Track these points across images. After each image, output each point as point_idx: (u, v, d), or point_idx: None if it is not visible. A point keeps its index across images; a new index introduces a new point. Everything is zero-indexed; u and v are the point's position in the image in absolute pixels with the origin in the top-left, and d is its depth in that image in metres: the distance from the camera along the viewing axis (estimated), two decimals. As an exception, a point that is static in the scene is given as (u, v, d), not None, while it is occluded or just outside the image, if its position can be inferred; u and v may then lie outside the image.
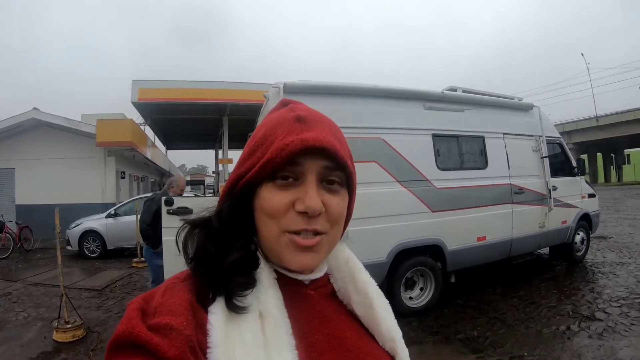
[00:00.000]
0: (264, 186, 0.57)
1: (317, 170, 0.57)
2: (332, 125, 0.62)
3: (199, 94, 10.56)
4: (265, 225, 0.58)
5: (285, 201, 0.56)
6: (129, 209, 10.24)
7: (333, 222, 0.59)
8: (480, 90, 5.99)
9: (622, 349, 3.62)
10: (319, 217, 0.57)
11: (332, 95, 4.29)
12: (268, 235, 0.58)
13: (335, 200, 0.59)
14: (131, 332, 0.45)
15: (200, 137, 16.38)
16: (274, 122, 0.60)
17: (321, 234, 0.58)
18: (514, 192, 5.52)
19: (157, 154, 19.59)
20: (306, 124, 0.58)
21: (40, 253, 10.54)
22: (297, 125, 0.58)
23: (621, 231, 10.04)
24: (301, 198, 0.56)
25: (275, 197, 0.56)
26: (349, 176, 0.61)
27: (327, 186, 0.58)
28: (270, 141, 0.57)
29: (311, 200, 0.55)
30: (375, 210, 4.24)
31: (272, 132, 0.58)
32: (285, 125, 0.58)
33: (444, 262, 4.97)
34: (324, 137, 0.57)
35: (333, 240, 0.61)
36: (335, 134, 0.61)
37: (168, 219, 4.29)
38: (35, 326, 4.90)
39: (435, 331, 4.37)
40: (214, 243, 0.58)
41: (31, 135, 13.27)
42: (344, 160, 0.59)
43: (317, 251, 0.58)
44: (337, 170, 0.59)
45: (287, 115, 0.60)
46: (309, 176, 0.57)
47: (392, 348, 0.65)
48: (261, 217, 0.58)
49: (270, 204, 0.56)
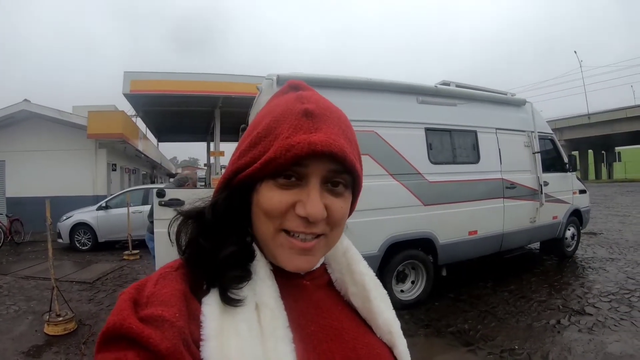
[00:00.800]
0: (265, 183, 0.55)
1: (323, 174, 0.55)
2: (343, 121, 0.58)
3: (191, 86, 10.47)
4: (262, 222, 0.56)
5: (286, 202, 0.54)
6: (120, 201, 10.19)
7: (334, 225, 0.57)
8: (473, 85, 6.00)
9: (611, 344, 3.65)
10: (319, 222, 0.55)
11: (326, 87, 4.26)
12: (263, 232, 0.57)
13: (338, 204, 0.57)
14: (122, 324, 0.44)
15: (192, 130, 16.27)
16: (279, 111, 0.56)
17: (320, 236, 0.56)
18: (505, 186, 5.54)
19: (149, 146, 19.47)
20: (314, 120, 0.54)
21: (31, 246, 10.45)
22: (304, 121, 0.54)
23: (611, 227, 10.14)
24: (303, 202, 0.54)
25: (275, 196, 0.54)
26: (355, 179, 0.59)
27: (332, 188, 0.56)
28: (274, 135, 0.54)
29: (313, 207, 0.53)
30: (368, 203, 4.22)
31: (276, 125, 0.55)
32: (292, 119, 0.54)
33: (435, 256, 4.99)
34: (333, 141, 0.53)
35: (332, 242, 0.60)
36: (345, 132, 0.57)
37: (160, 210, 4.26)
38: (27, 320, 4.86)
39: (427, 324, 4.39)
40: (207, 236, 0.56)
41: (22, 127, 13.11)
42: (353, 164, 0.55)
43: (314, 254, 0.57)
44: (344, 173, 0.56)
45: (295, 107, 0.56)
46: (313, 179, 0.54)
47: (389, 340, 0.64)
48: (258, 214, 0.56)
49: (270, 203, 0.54)
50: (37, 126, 13.15)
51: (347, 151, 0.55)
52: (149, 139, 19.25)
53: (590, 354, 3.51)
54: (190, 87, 10.48)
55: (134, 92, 10.25)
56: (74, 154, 13.30)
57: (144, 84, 10.26)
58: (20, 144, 12.95)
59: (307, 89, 0.61)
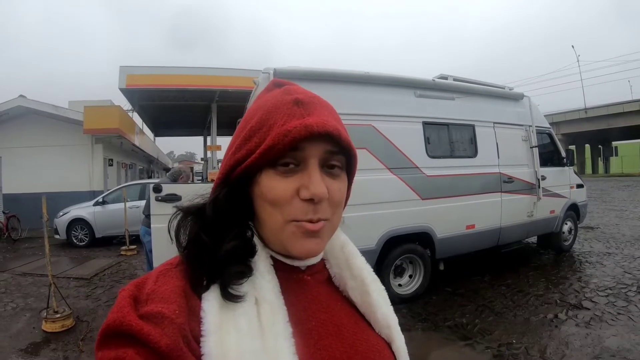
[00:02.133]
0: (264, 173, 0.56)
1: (320, 156, 0.56)
2: (331, 108, 0.60)
3: (188, 80, 10.45)
4: (269, 214, 0.56)
5: (290, 189, 0.55)
6: (117, 196, 10.17)
7: (334, 208, 0.58)
8: (471, 79, 5.99)
9: (608, 338, 3.67)
10: (323, 204, 0.55)
11: (323, 81, 4.25)
12: (272, 224, 0.57)
13: (336, 185, 0.58)
14: (122, 321, 0.44)
15: (188, 124, 16.28)
16: (269, 105, 0.58)
17: (324, 220, 0.57)
18: (503, 181, 5.55)
19: (145, 141, 19.44)
20: (305, 107, 0.56)
21: (28, 242, 10.42)
22: (296, 109, 0.55)
23: (608, 222, 10.17)
24: (305, 185, 0.54)
25: (278, 185, 0.55)
26: (351, 159, 0.60)
27: (328, 171, 0.57)
28: (269, 126, 0.55)
29: (317, 187, 0.54)
30: (365, 198, 4.23)
31: (269, 117, 0.56)
32: (284, 109, 0.56)
33: (433, 250, 5.00)
34: (326, 122, 0.55)
35: (334, 225, 0.61)
36: (335, 116, 0.59)
37: (157, 206, 4.24)
38: (24, 317, 4.85)
39: (424, 318, 4.41)
40: (208, 232, 0.56)
41: (17, 123, 13.03)
42: (348, 142, 0.57)
43: (321, 237, 0.58)
44: (339, 154, 0.58)
45: (284, 98, 0.57)
46: (311, 161, 0.55)
47: (388, 335, 0.65)
48: (263, 205, 0.57)
49: (274, 192, 0.55)
50: (33, 122, 13.07)
51: (341, 130, 0.57)
52: (146, 133, 19.22)
53: (587, 348, 3.52)
54: (186, 82, 10.47)
55: (130, 86, 10.23)
56: (71, 149, 13.23)
57: (140, 78, 10.23)
58: (16, 140, 12.87)
59: (291, 84, 0.63)
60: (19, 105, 12.55)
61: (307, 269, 0.63)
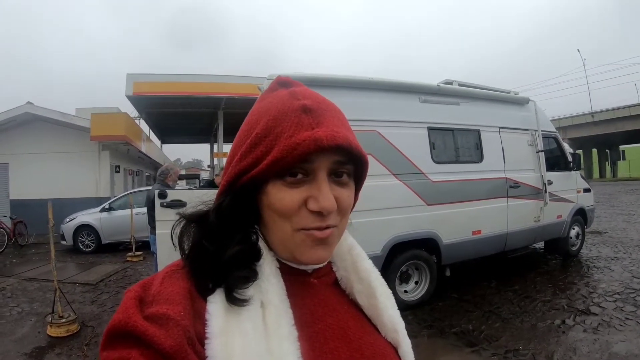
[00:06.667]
0: (271, 183, 0.55)
1: (329, 167, 0.55)
2: (340, 114, 0.59)
3: (194, 87, 10.50)
4: (277, 224, 0.56)
5: (297, 200, 0.54)
6: (124, 203, 10.22)
7: (342, 214, 0.58)
8: (476, 83, 5.98)
9: (617, 343, 3.63)
10: (331, 213, 0.55)
11: (328, 87, 4.25)
12: (280, 233, 0.56)
13: (345, 193, 0.57)
14: (127, 322, 0.44)
15: (195, 131, 16.33)
16: (275, 111, 0.55)
17: (332, 227, 0.56)
18: (509, 186, 5.51)
19: (152, 148, 19.51)
20: (314, 115, 0.54)
21: (34, 248, 10.50)
22: (304, 117, 0.54)
23: (616, 226, 10.08)
24: (314, 197, 0.54)
25: (286, 196, 0.54)
26: (362, 165, 0.60)
27: (336, 179, 0.56)
28: (276, 134, 0.53)
29: (326, 201, 0.53)
30: (370, 203, 4.21)
31: (276, 124, 0.54)
32: (291, 116, 0.54)
33: (439, 256, 4.97)
34: (337, 134, 0.53)
35: (342, 231, 0.60)
36: (343, 122, 0.58)
37: (161, 211, 4.25)
38: (29, 321, 4.87)
39: (430, 325, 4.38)
40: (211, 239, 0.56)
41: (25, 130, 13.17)
42: (359, 151, 0.56)
43: (330, 243, 0.58)
44: (348, 163, 0.57)
45: (291, 104, 0.55)
46: (320, 173, 0.54)
47: (394, 339, 0.64)
48: (271, 215, 0.56)
49: (282, 203, 0.54)
50: (40, 128, 13.21)
51: (351, 140, 0.55)
52: (153, 140, 19.32)
53: (595, 354, 3.48)
54: (193, 89, 10.52)
55: (137, 94, 10.28)
56: (77, 156, 13.35)
57: (146, 85, 10.29)
58: (23, 147, 13.02)
59: (297, 85, 0.61)
60: (27, 112, 12.70)
61: (313, 272, 0.63)
